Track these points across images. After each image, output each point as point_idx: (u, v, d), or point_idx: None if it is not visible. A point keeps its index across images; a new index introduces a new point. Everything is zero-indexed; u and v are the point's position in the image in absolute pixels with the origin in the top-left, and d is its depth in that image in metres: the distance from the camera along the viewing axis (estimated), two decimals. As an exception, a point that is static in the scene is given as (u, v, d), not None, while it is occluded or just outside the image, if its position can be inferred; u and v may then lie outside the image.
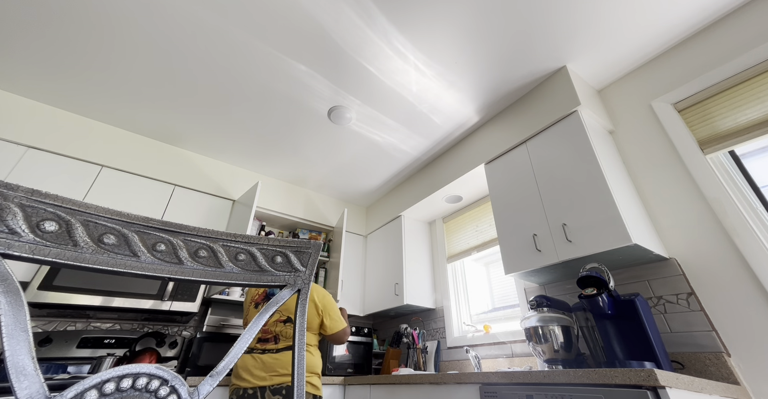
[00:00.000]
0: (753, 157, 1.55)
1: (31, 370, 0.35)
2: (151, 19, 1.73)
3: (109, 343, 2.06)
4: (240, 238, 0.54)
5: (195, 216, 2.54)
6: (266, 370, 1.39)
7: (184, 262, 0.49)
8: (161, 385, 0.43)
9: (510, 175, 2.11)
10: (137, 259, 0.46)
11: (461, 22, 1.74)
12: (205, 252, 0.51)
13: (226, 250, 0.53)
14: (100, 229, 0.44)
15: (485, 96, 2.24)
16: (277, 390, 1.35)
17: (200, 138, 2.63)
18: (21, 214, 0.40)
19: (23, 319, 0.36)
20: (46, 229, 0.41)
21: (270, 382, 1.37)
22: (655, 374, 0.90)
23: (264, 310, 0.55)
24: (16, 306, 0.37)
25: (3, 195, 0.39)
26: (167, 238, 0.48)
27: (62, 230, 0.42)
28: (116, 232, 0.45)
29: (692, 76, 1.73)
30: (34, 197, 0.41)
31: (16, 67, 2.00)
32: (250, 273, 0.54)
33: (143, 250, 0.46)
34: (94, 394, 0.38)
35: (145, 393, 0.41)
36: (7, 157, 2.02)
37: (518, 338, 2.02)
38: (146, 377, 0.42)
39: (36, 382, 0.35)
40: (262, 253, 0.56)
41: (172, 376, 0.43)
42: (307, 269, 0.60)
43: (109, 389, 0.39)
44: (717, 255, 1.44)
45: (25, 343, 0.35)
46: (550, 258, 1.69)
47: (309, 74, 2.05)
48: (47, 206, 0.41)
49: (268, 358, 1.43)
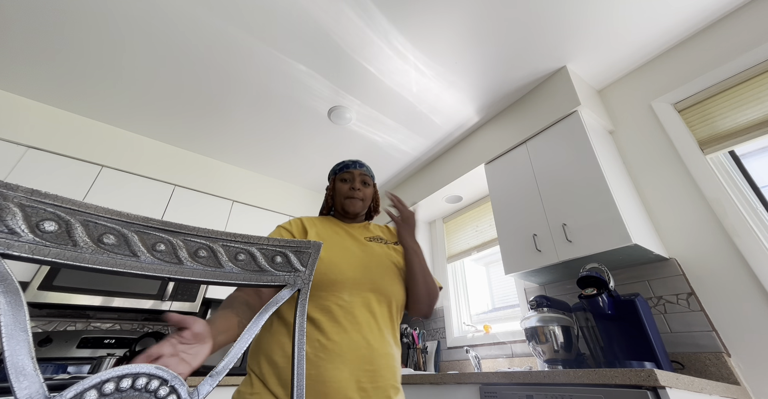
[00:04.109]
0: (753, 157, 1.55)
1: (31, 370, 0.35)
2: (151, 19, 1.73)
3: (109, 343, 2.06)
4: (240, 238, 0.54)
5: (195, 216, 2.54)
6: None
7: (184, 262, 0.49)
8: (161, 385, 0.42)
9: (510, 175, 2.11)
10: (137, 259, 0.45)
11: (461, 22, 1.74)
12: (205, 252, 0.51)
13: (226, 250, 0.53)
14: (100, 229, 0.44)
15: (485, 96, 2.24)
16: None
17: (200, 138, 2.63)
18: (20, 214, 0.39)
19: (23, 319, 0.36)
20: (46, 229, 0.41)
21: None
22: (655, 374, 0.90)
23: (263, 311, 0.55)
24: (16, 306, 0.36)
25: (2, 195, 0.39)
26: (167, 238, 0.48)
27: (62, 230, 0.41)
28: (116, 232, 0.45)
29: (692, 76, 1.72)
30: (34, 197, 0.40)
31: (16, 67, 2.00)
32: (249, 273, 0.54)
33: (143, 250, 0.46)
34: (93, 394, 0.38)
35: (144, 393, 0.41)
36: (7, 157, 2.02)
37: (518, 338, 2.02)
38: (146, 377, 0.42)
39: (36, 382, 0.35)
40: (262, 253, 0.56)
41: (172, 376, 0.43)
42: (307, 269, 0.60)
43: (108, 389, 0.39)
44: (717, 255, 1.44)
45: (24, 343, 0.35)
46: (550, 258, 1.69)
47: (309, 74, 2.05)
48: (47, 206, 0.41)
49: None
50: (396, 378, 0.78)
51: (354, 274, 0.82)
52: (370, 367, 0.73)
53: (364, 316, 0.79)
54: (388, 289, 0.84)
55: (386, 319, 0.83)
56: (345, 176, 1.02)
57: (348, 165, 1.04)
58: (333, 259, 0.83)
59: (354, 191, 1.00)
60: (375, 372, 0.73)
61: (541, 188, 1.87)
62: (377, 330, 0.78)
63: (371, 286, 0.83)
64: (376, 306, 0.81)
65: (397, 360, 0.81)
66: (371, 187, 1.06)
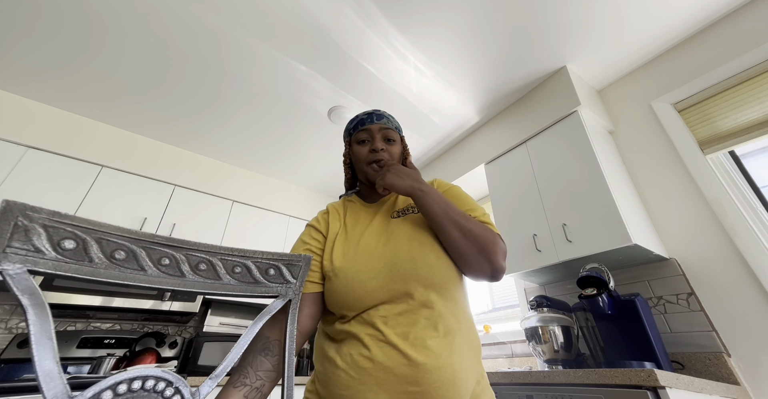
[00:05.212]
0: (753, 157, 1.55)
1: (56, 372, 0.40)
2: (151, 19, 1.73)
3: (109, 343, 2.06)
4: (236, 252, 0.59)
5: (195, 216, 2.54)
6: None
7: (186, 275, 0.54)
8: (167, 386, 0.48)
9: (510, 175, 2.11)
10: (144, 272, 0.51)
11: (461, 22, 1.74)
12: (205, 265, 0.56)
13: (224, 263, 0.58)
14: (112, 245, 0.49)
15: (485, 96, 2.24)
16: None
17: (200, 138, 2.63)
18: (44, 234, 0.44)
19: (48, 329, 0.41)
20: (66, 246, 0.46)
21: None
22: (655, 374, 0.90)
23: (257, 320, 0.59)
24: (43, 317, 0.41)
25: (29, 217, 0.44)
26: (171, 252, 0.53)
27: (79, 248, 0.47)
28: (126, 249, 0.50)
29: (692, 76, 1.72)
30: (55, 218, 0.45)
31: (16, 67, 2.00)
32: (245, 284, 0.59)
33: (150, 265, 0.51)
34: (109, 394, 0.43)
35: (153, 393, 0.46)
36: (7, 157, 2.02)
37: (518, 338, 2.02)
38: (153, 379, 0.47)
39: (60, 383, 0.40)
40: (257, 266, 0.61)
41: (176, 379, 0.48)
42: (298, 281, 0.65)
43: (121, 390, 0.44)
44: (717, 255, 1.44)
45: (50, 350, 0.40)
46: (550, 258, 1.69)
47: (309, 74, 2.05)
48: (66, 226, 0.46)
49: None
50: (468, 389, 0.59)
51: (378, 281, 0.65)
52: (417, 389, 0.56)
53: (411, 317, 0.62)
54: (423, 268, 0.65)
55: (446, 304, 0.64)
56: (362, 136, 0.81)
57: (363, 120, 0.82)
58: (349, 273, 0.68)
59: (376, 154, 0.78)
60: (423, 394, 0.56)
61: (541, 188, 1.87)
62: (437, 330, 0.61)
63: (403, 277, 0.64)
64: (421, 296, 0.63)
65: (472, 363, 0.62)
66: (398, 144, 0.83)
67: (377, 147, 0.78)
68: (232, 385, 0.59)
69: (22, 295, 0.41)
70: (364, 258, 0.69)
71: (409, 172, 0.71)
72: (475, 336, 0.66)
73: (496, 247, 0.65)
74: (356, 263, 0.69)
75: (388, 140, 0.81)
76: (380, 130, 0.80)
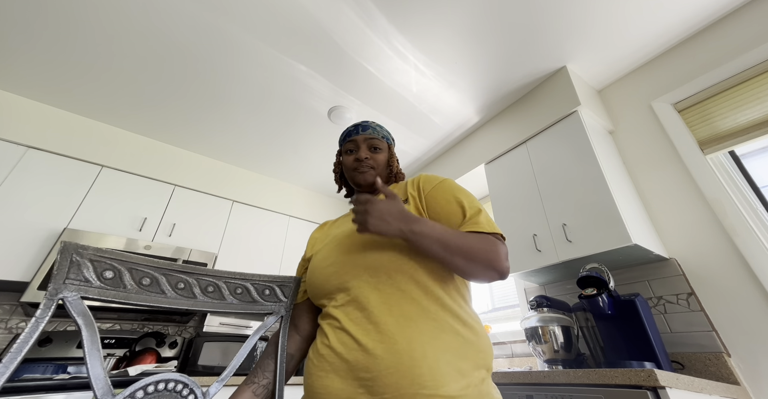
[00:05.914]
0: (753, 157, 1.55)
1: (102, 376, 0.52)
2: (151, 19, 1.73)
3: (109, 343, 2.06)
4: (238, 276, 0.71)
5: (195, 216, 2.54)
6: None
7: (198, 297, 0.65)
8: (183, 387, 0.59)
9: (510, 175, 2.11)
10: (165, 295, 0.61)
11: (461, 22, 1.74)
12: (212, 288, 0.67)
13: (228, 285, 0.69)
14: (140, 274, 0.60)
15: (485, 96, 2.24)
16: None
17: (200, 138, 2.63)
18: (91, 267, 0.56)
19: (97, 342, 0.52)
20: (107, 276, 0.57)
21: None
22: (655, 374, 0.90)
23: (254, 334, 0.70)
24: (93, 334, 0.53)
25: (80, 254, 0.55)
26: (185, 278, 0.65)
27: (116, 277, 0.58)
28: (150, 276, 0.61)
29: (692, 76, 1.72)
30: (98, 253, 0.57)
31: (16, 67, 2.00)
32: (245, 304, 0.70)
33: (169, 289, 0.62)
34: (141, 393, 0.55)
35: (173, 393, 0.58)
36: (7, 157, 2.02)
37: (518, 338, 2.02)
38: (173, 382, 0.58)
39: (105, 384, 0.51)
40: (255, 288, 0.73)
41: (191, 382, 0.60)
42: (289, 299, 0.77)
43: (150, 390, 0.56)
44: (717, 255, 1.44)
45: (98, 359, 0.52)
46: (550, 258, 1.69)
47: (309, 74, 2.05)
48: (106, 259, 0.58)
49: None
50: (436, 382, 0.54)
51: (335, 267, 0.69)
52: (367, 375, 0.56)
53: (364, 303, 0.62)
54: (385, 258, 0.65)
55: (408, 289, 0.63)
56: (349, 146, 0.87)
57: (350, 132, 0.88)
58: (314, 261, 0.75)
59: (359, 163, 0.83)
60: (374, 380, 0.55)
61: (541, 188, 1.87)
62: (396, 318, 0.60)
63: (354, 263, 0.67)
64: (387, 287, 0.63)
65: (453, 360, 0.57)
66: (384, 152, 0.87)
67: (361, 156, 0.84)
68: (244, 383, 0.69)
69: (77, 316, 0.52)
70: (328, 247, 0.76)
71: (390, 211, 0.63)
72: (468, 334, 0.62)
73: (499, 256, 0.64)
74: (321, 252, 0.76)
75: (374, 148, 0.87)
76: (365, 141, 0.87)
